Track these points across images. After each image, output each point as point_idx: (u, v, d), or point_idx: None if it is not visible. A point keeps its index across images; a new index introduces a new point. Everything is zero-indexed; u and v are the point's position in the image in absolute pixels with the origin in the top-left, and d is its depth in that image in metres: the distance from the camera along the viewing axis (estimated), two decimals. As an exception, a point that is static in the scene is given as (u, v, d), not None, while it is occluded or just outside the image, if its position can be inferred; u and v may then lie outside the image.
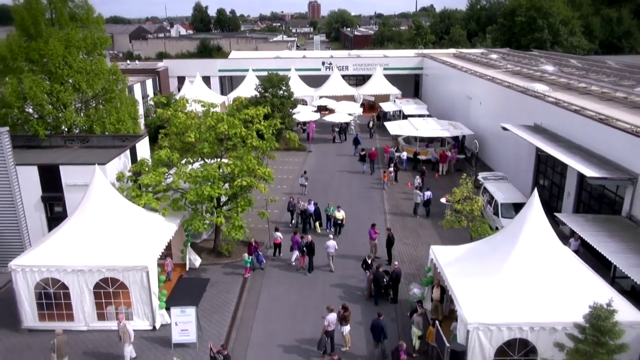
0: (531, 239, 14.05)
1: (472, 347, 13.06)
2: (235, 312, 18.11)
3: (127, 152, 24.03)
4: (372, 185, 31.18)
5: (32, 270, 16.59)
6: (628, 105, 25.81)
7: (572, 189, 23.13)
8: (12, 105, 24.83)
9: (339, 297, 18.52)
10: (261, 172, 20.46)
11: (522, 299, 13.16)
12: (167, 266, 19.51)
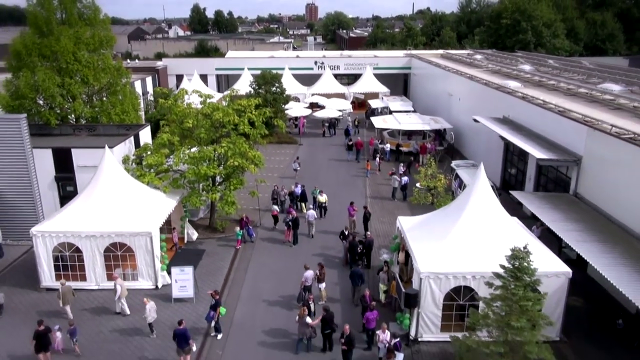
0: (477, 205, 16.65)
1: (424, 293, 15.61)
2: (227, 275, 20.63)
3: (132, 138, 26.54)
4: (357, 173, 33.77)
5: (50, 235, 19.07)
6: (588, 100, 28.47)
7: (532, 174, 25.74)
8: (26, 97, 27.28)
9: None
10: (251, 155, 22.99)
11: (467, 254, 15.70)
12: (174, 238, 22.04)
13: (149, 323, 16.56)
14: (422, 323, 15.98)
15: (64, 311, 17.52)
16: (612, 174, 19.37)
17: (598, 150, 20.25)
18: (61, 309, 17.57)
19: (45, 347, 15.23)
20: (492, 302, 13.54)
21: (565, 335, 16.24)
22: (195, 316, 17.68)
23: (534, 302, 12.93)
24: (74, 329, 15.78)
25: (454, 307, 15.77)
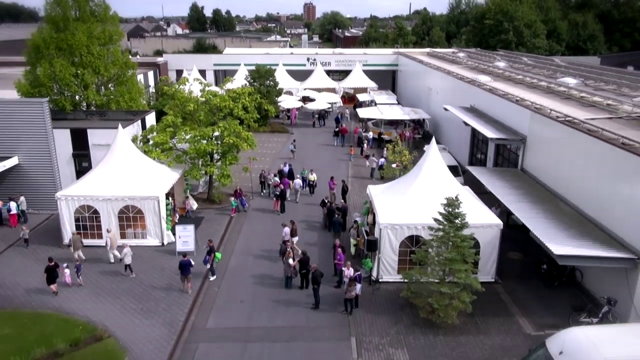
0: (428, 173, 20.24)
1: (383, 241, 19.15)
2: (223, 236, 24.14)
3: (139, 122, 29.97)
4: (342, 157, 37.34)
5: (72, 198, 22.51)
6: (545, 91, 32.00)
7: (492, 154, 29.34)
8: (44, 85, 30.66)
9: (302, 229, 24.47)
10: (244, 135, 26.48)
11: (419, 210, 19.16)
12: (187, 205, 25.58)
13: (126, 264, 20.17)
14: (382, 266, 19.52)
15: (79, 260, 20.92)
16: (548, 150, 22.94)
17: (538, 130, 23.84)
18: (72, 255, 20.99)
19: (54, 279, 18.78)
20: (432, 242, 17.09)
21: (499, 278, 19.79)
22: (195, 265, 21.08)
23: (464, 239, 16.47)
24: (79, 265, 19.53)
25: (407, 253, 19.28)
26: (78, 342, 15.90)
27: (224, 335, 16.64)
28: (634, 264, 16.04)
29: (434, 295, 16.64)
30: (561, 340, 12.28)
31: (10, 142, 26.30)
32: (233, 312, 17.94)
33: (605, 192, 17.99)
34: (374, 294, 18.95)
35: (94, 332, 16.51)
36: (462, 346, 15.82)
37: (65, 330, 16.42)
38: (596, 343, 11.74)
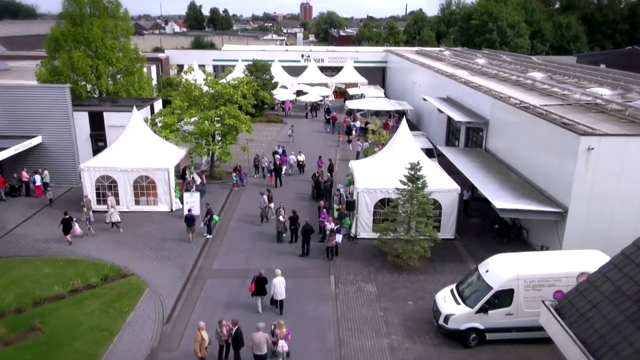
0: (399, 147, 23.86)
1: (360, 202, 22.75)
2: (224, 204, 27.70)
3: (148, 107, 33.47)
4: (331, 143, 40.97)
5: (94, 169, 26.01)
6: (514, 84, 35.73)
7: (462, 138, 33.04)
8: (63, 73, 34.13)
9: (293, 199, 28.04)
10: (243, 118, 30.04)
11: (390, 177, 22.67)
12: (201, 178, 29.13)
13: (113, 222, 23.68)
14: (359, 225, 23.14)
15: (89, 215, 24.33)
16: (504, 131, 26.64)
17: (497, 115, 27.54)
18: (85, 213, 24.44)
19: (68, 230, 22.50)
20: (399, 200, 20.73)
21: (458, 236, 23.45)
22: (199, 228, 24.55)
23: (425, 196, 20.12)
24: (89, 218, 23.53)
25: (380, 213, 22.88)
26: (107, 278, 19.45)
27: (227, 274, 20.23)
28: (562, 217, 19.74)
29: (399, 243, 20.28)
30: (487, 263, 15.98)
31: (34, 123, 29.69)
32: (233, 258, 21.53)
33: (544, 162, 21.68)
34: (352, 247, 22.56)
35: (119, 271, 20.06)
36: (420, 281, 19.47)
37: (95, 270, 19.93)
38: (511, 263, 15.46)
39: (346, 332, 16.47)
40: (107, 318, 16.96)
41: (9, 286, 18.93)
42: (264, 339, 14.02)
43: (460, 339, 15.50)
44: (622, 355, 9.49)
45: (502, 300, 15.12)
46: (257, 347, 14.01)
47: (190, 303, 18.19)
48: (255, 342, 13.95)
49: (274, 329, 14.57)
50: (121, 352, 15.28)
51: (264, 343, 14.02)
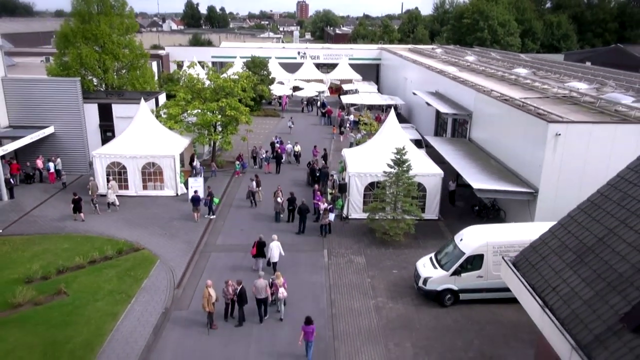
0: (387, 134, 25.93)
1: (351, 185, 24.82)
2: (226, 189, 29.73)
3: (153, 100, 35.40)
4: (326, 136, 43.04)
5: (105, 156, 27.97)
6: (499, 79, 37.86)
7: (449, 129, 35.16)
8: (72, 68, 36.04)
9: (290, 185, 30.03)
10: (242, 109, 32.04)
11: (379, 162, 24.70)
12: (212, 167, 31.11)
13: (110, 202, 25.87)
14: (350, 206, 25.21)
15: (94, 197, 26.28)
16: (486, 121, 28.76)
17: (480, 106, 29.66)
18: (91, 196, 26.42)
19: (79, 209, 24.68)
20: (387, 182, 22.81)
21: (442, 217, 25.55)
22: (203, 210, 26.55)
23: (409, 178, 22.21)
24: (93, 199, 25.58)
25: (370, 195, 24.95)
26: (121, 251, 21.45)
27: (230, 248, 22.27)
28: (533, 197, 21.86)
29: (387, 221, 22.37)
30: (462, 233, 18.10)
31: (47, 114, 31.61)
32: (235, 235, 23.58)
33: (519, 149, 23.80)
34: (344, 226, 24.64)
35: (132, 246, 22.07)
36: (405, 255, 21.56)
37: (110, 245, 21.92)
38: (482, 232, 17.57)
39: (337, 295, 18.55)
40: (124, 284, 18.98)
41: (33, 258, 20.90)
42: (264, 284, 16.36)
43: (437, 299, 17.62)
44: (561, 293, 11.59)
45: (474, 265, 17.24)
46: (258, 292, 16.31)
47: (198, 272, 20.23)
48: (257, 287, 16.21)
49: (272, 281, 16.69)
50: (138, 310, 17.31)
51: (264, 288, 16.35)
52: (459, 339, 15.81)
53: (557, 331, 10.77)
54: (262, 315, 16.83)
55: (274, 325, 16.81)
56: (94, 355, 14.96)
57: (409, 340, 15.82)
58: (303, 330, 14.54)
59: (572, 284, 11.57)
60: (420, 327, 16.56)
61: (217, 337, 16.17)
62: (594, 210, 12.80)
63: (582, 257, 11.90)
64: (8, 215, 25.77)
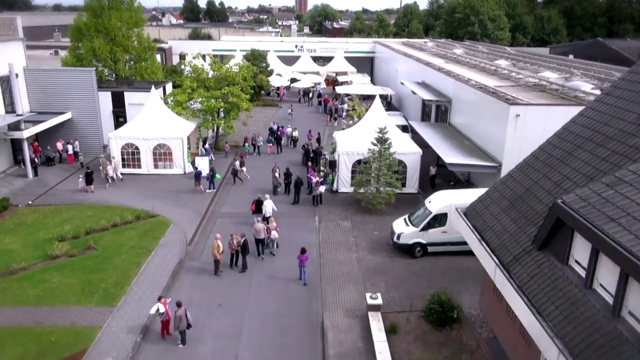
0: (372, 117, 29.11)
1: (341, 163, 28.04)
2: (228, 168, 32.92)
3: (161, 89, 38.53)
4: (321, 123, 46.25)
5: (120, 137, 31.15)
6: (480, 69, 41.01)
7: (433, 115, 38.37)
8: (85, 59, 39.14)
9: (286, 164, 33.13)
10: (243, 97, 35.21)
11: (365, 142, 27.96)
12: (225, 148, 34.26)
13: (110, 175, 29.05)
14: (340, 181, 28.44)
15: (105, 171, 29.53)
16: (462, 107, 31.96)
17: (458, 93, 32.86)
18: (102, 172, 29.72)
19: (90, 182, 27.94)
20: (371, 158, 26.03)
21: (421, 190, 28.79)
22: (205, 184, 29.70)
23: (391, 155, 25.43)
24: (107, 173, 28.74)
25: (357, 171, 28.15)
26: (139, 217, 24.68)
27: (234, 215, 25.51)
28: (497, 170, 25.10)
29: (370, 191, 25.62)
30: (431, 197, 21.36)
31: (65, 101, 34.72)
32: (239, 205, 26.80)
33: (488, 129, 27.03)
34: (333, 198, 27.89)
35: (148, 213, 25.29)
36: (385, 220, 24.75)
37: (129, 212, 25.14)
38: (447, 196, 20.82)
39: (325, 249, 21.84)
40: (143, 241, 22.23)
41: (62, 223, 24.13)
42: (262, 227, 20.46)
43: (409, 252, 20.90)
44: (495, 230, 14.84)
45: (439, 222, 20.50)
46: (257, 233, 20.37)
47: (206, 233, 23.49)
48: (256, 230, 20.18)
49: (266, 225, 20.34)
50: (158, 261, 20.57)
51: (262, 230, 20.32)
52: (424, 280, 19.08)
53: (489, 257, 14.07)
54: (260, 252, 21.07)
55: (269, 259, 21.05)
56: (123, 292, 18.23)
57: (383, 281, 19.10)
58: (299, 258, 18.19)
59: (503, 223, 14.85)
60: (393, 272, 19.85)
61: (224, 280, 19.46)
62: (526, 168, 16.08)
63: (513, 203, 15.16)
64: (34, 190, 28.97)
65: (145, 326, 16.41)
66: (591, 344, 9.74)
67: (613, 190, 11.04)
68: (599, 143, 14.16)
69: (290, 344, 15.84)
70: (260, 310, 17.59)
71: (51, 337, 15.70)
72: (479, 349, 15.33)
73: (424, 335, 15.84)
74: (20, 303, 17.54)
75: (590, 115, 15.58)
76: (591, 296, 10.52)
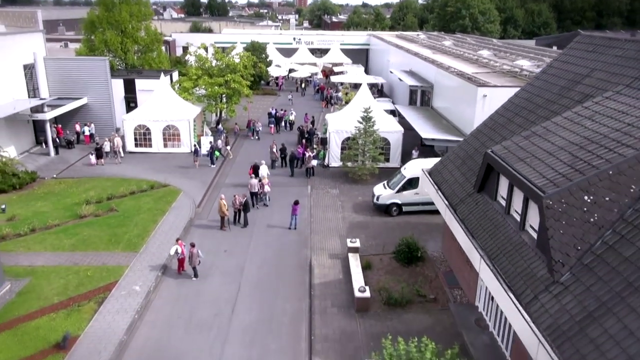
0: (360, 99, 32.51)
1: (331, 140, 31.45)
2: (231, 148, 36.36)
3: (168, 77, 41.87)
4: (317, 109, 49.65)
5: (133, 119, 34.56)
6: (465, 59, 44.29)
7: (418, 100, 41.76)
8: (98, 49, 42.49)
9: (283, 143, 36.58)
10: (244, 83, 38.59)
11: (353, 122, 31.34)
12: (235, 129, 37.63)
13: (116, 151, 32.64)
14: (330, 156, 31.86)
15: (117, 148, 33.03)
16: (442, 91, 35.32)
17: (439, 79, 36.22)
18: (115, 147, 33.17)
19: (100, 156, 31.59)
20: (357, 135, 29.44)
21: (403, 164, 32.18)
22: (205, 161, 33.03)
23: (375, 132, 28.83)
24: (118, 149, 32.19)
25: (345, 148, 31.54)
26: (153, 187, 28.13)
27: (237, 185, 28.92)
28: (468, 145, 28.47)
29: (356, 164, 29.05)
30: (406, 165, 24.80)
31: (82, 87, 38.08)
32: (241, 177, 30.19)
33: (461, 109, 30.42)
34: (324, 172, 31.34)
35: (161, 183, 28.74)
36: (369, 188, 27.99)
37: (144, 183, 28.59)
38: (419, 163, 24.23)
39: (315, 210, 25.31)
40: (158, 205, 25.69)
41: (85, 191, 27.56)
42: (255, 182, 24.78)
43: (387, 211, 24.37)
44: (449, 182, 18.28)
45: (412, 185, 23.93)
46: (252, 187, 24.81)
47: (212, 199, 26.94)
48: (251, 184, 24.43)
49: (260, 181, 24.32)
50: (171, 219, 24.04)
51: (255, 185, 24.56)
52: (398, 232, 22.49)
53: (442, 201, 17.54)
54: (254, 203, 25.25)
55: (266, 216, 24.95)
56: (144, 241, 21.70)
57: (363, 234, 22.57)
58: (293, 207, 22.31)
59: (455, 176, 18.31)
60: (373, 227, 23.33)
61: (228, 232, 22.95)
62: (477, 133, 19.53)
63: (464, 161, 18.62)
64: (57, 166, 32.40)
65: (164, 265, 19.91)
66: (503, 250, 13.23)
67: (527, 141, 14.49)
68: (531, 110, 17.62)
69: (283, 278, 19.33)
70: (259, 254, 21.09)
71: (87, 273, 19.18)
72: (437, 279, 18.81)
73: (394, 270, 19.31)
74: (59, 249, 21.01)
75: (528, 90, 19.03)
76: (508, 219, 13.99)
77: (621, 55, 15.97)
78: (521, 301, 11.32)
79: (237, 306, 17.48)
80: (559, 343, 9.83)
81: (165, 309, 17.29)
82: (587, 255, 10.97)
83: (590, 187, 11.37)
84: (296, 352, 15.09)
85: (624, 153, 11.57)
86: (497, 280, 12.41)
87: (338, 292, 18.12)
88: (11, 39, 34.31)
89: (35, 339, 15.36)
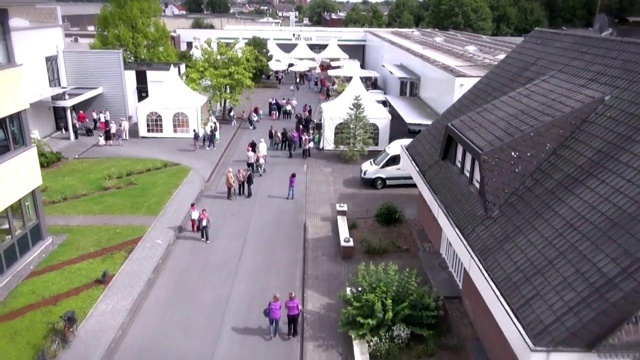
0: (352, 90, 35.92)
1: (325, 126, 34.88)
2: (234, 134, 39.80)
3: (177, 69, 45.24)
4: (315, 99, 53.08)
5: (146, 107, 37.99)
6: (452, 54, 47.67)
7: (408, 91, 45.18)
8: (111, 43, 45.87)
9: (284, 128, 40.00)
10: (246, 74, 41.99)
11: (346, 109, 34.75)
12: (242, 116, 41.13)
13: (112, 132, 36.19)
14: (325, 140, 35.30)
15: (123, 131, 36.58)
16: (428, 83, 38.73)
17: (425, 71, 39.63)
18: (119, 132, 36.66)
19: (109, 137, 35.24)
20: (349, 121, 32.88)
21: (390, 148, 35.65)
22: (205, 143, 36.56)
23: (365, 118, 32.28)
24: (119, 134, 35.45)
25: (339, 132, 34.96)
26: (166, 165, 31.60)
27: (239, 163, 32.38)
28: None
29: (348, 147, 32.51)
30: (390, 144, 28.26)
31: (97, 78, 41.48)
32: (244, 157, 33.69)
33: (442, 98, 33.84)
34: (319, 153, 34.80)
35: (173, 162, 32.20)
36: (359, 167, 31.49)
37: (158, 162, 32.05)
38: (402, 142, 27.68)
39: (311, 185, 28.79)
40: (172, 180, 29.15)
41: (106, 168, 30.97)
42: (252, 154, 28.58)
43: (372, 184, 27.85)
44: (421, 154, 21.73)
45: (395, 161, 27.38)
46: (248, 159, 29.46)
47: (219, 176, 30.41)
48: (248, 156, 28.56)
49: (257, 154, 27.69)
50: (184, 191, 27.50)
51: (252, 157, 28.42)
52: (382, 202, 25.79)
53: (414, 169, 20.99)
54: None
55: (264, 183, 28.74)
56: (162, 208, 25.18)
57: (351, 202, 26.03)
58: (290, 179, 25.31)
59: (426, 148, 21.78)
60: (360, 197, 26.81)
61: (234, 201, 26.44)
62: (447, 113, 23.02)
63: (434, 136, 22.08)
64: (77, 148, 35.83)
65: (180, 226, 23.39)
66: (456, 200, 16.71)
67: (478, 115, 17.96)
68: (489, 93, 21.07)
69: (282, 236, 22.82)
70: (262, 218, 24.58)
71: (116, 230, 22.65)
72: (411, 235, 22.31)
73: (375, 229, 22.81)
74: (89, 213, 24.49)
75: (489, 76, 22.50)
76: (462, 177, 17.46)
77: (559, 47, 19.43)
78: (463, 233, 14.81)
79: (244, 255, 20.98)
80: (485, 257, 13.32)
81: (184, 257, 20.79)
82: (512, 196, 14.46)
83: (517, 145, 14.83)
84: (292, 287, 18.55)
85: (544, 120, 15.04)
86: (448, 221, 15.90)
87: (327, 245, 21.62)
88: (35, 33, 37.66)
89: (79, 276, 18.85)
